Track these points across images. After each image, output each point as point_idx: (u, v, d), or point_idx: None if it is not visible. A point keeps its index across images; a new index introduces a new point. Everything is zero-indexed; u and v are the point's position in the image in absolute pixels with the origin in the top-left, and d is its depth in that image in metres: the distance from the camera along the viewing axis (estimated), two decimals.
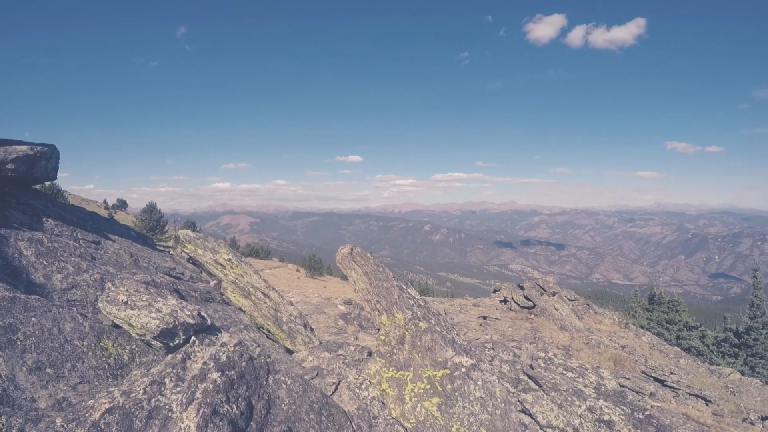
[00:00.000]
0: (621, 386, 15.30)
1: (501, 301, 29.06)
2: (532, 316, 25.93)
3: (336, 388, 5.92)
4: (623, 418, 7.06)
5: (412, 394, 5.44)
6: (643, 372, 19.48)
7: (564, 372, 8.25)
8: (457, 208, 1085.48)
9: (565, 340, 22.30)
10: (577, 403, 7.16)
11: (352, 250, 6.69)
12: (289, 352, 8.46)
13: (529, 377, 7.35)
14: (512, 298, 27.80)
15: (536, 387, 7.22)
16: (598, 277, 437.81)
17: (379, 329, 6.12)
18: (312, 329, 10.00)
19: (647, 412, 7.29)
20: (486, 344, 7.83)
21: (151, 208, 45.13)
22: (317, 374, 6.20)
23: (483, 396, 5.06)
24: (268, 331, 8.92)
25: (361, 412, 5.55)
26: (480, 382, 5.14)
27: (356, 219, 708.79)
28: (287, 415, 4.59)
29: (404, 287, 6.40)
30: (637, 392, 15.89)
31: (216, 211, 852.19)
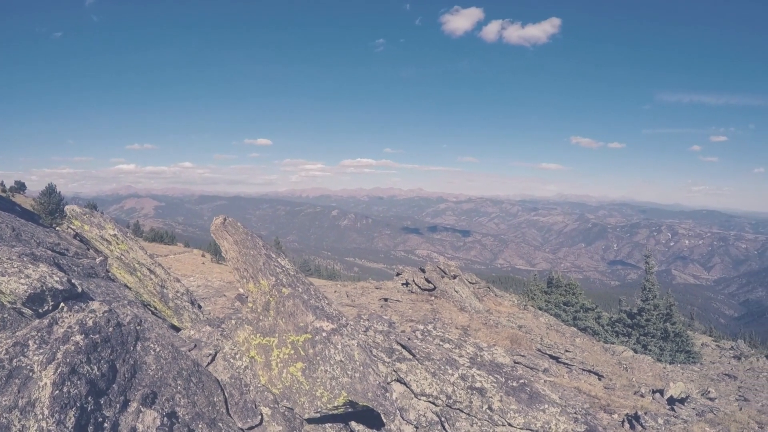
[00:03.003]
0: (515, 363, 15.97)
1: (403, 284, 29.60)
2: (433, 298, 26.55)
3: (213, 359, 6.06)
4: (495, 385, 7.46)
5: (278, 360, 5.63)
6: (539, 350, 20.32)
7: (441, 343, 8.62)
8: (365, 193, 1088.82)
9: (464, 320, 22.96)
10: (450, 371, 7.52)
11: (225, 219, 6.81)
12: (177, 329, 8.47)
13: (403, 347, 7.66)
14: (414, 280, 28.37)
15: (410, 356, 7.54)
16: (502, 262, 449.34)
17: (246, 297, 6.28)
18: (200, 306, 10.05)
19: (521, 381, 7.71)
20: (362, 315, 8.08)
21: (50, 191, 43.14)
22: (195, 346, 6.32)
23: (343, 360, 5.29)
24: (155, 308, 8.90)
25: (234, 380, 5.72)
26: (340, 346, 5.36)
27: (264, 203, 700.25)
28: (153, 380, 4.72)
29: (273, 256, 6.57)
30: (531, 368, 16.62)
31: (120, 194, 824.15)
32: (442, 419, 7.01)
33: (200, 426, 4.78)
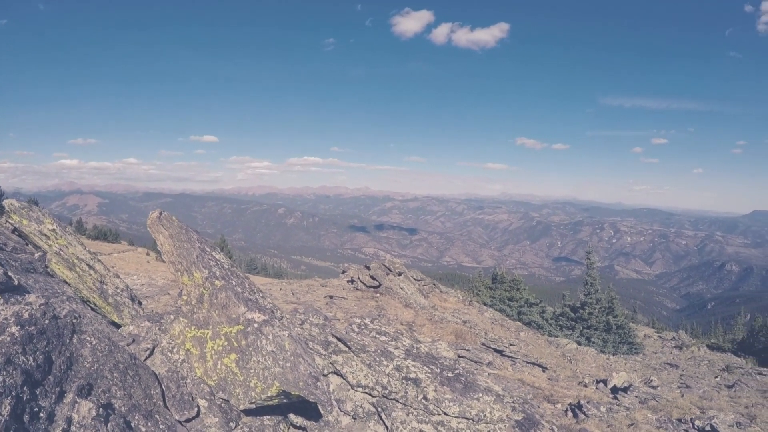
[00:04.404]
0: (460, 357, 16.27)
1: (348, 281, 29.74)
2: (378, 294, 26.73)
3: (150, 353, 6.15)
4: (430, 376, 7.70)
5: (213, 352, 5.75)
6: (483, 344, 20.65)
7: (377, 336, 8.82)
8: (311, 192, 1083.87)
9: (409, 316, 23.21)
10: (385, 363, 7.73)
11: (160, 213, 6.88)
12: (118, 326, 8.44)
13: (338, 339, 7.84)
14: (359, 278, 28.53)
15: (346, 349, 7.74)
16: (448, 260, 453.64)
17: (181, 290, 6.39)
18: (141, 303, 10.05)
19: (457, 371, 7.95)
20: (297, 309, 8.24)
21: None
22: (133, 341, 6.40)
23: (274, 350, 5.44)
24: (95, 305, 8.85)
25: (171, 374, 5.82)
26: (271, 337, 5.51)
27: (209, 201, 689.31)
28: (89, 372, 4.82)
29: (207, 249, 6.68)
30: (475, 362, 16.92)
31: (62, 190, 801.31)
32: (379, 409, 7.21)
33: (136, 417, 4.90)
